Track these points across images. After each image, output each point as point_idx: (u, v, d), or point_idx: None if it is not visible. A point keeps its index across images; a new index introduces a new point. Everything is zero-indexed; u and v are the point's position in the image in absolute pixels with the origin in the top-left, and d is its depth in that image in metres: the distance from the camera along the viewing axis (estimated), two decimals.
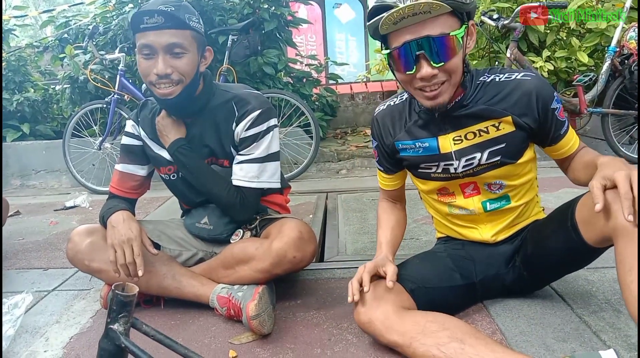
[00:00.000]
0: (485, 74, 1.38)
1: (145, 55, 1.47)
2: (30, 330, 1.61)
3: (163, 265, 1.60)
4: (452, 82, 1.27)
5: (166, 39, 1.44)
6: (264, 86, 4.15)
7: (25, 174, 4.47)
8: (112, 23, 4.26)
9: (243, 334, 1.47)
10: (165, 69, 1.45)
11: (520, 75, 1.34)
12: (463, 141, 1.39)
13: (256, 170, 1.60)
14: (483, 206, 1.46)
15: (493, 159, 1.38)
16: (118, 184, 1.71)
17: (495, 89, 1.35)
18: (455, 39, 1.21)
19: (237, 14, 4.10)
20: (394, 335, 1.25)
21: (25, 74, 5.00)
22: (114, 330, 0.89)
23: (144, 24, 1.42)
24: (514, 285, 1.51)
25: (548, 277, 1.52)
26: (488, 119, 1.35)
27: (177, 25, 1.44)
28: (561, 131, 1.35)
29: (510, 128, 1.35)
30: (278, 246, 1.49)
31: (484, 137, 1.37)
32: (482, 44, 4.23)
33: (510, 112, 1.33)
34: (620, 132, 3.80)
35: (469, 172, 1.42)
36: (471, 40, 1.31)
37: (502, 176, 1.41)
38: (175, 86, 1.49)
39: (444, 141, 1.41)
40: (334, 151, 4.34)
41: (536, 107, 1.32)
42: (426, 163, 1.46)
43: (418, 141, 1.44)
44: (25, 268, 2.21)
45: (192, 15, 1.49)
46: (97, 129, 4.08)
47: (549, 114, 1.33)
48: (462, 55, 1.26)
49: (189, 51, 1.48)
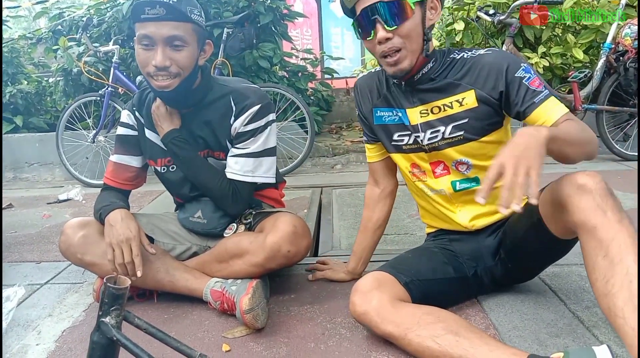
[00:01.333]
0: (456, 52, 1.41)
1: (144, 45, 1.45)
2: (22, 324, 1.60)
3: (157, 259, 1.60)
4: (409, 49, 1.31)
5: (167, 31, 1.42)
6: (259, 80, 4.13)
7: (18, 167, 4.44)
8: (106, 15, 4.23)
9: (236, 328, 1.47)
10: (164, 62, 1.44)
11: (484, 50, 1.37)
12: (429, 115, 1.43)
13: (251, 164, 1.59)
14: (452, 185, 1.48)
15: (456, 134, 1.40)
16: (113, 176, 1.70)
17: (462, 65, 1.38)
18: (407, 4, 1.26)
19: (233, 6, 4.07)
20: (389, 326, 1.25)
21: (18, 65, 4.96)
22: (106, 323, 0.88)
23: (144, 14, 1.40)
24: (504, 277, 1.52)
25: (533, 268, 1.53)
26: (453, 94, 1.39)
27: (179, 18, 1.42)
28: (534, 100, 1.29)
29: (473, 103, 1.37)
30: (272, 240, 1.49)
31: (447, 112, 1.40)
32: (477, 40, 4.23)
33: (473, 86, 1.36)
34: (614, 129, 3.82)
35: (434, 145, 1.44)
36: (435, 14, 1.34)
37: (468, 153, 1.42)
38: (173, 79, 1.47)
39: (412, 113, 1.46)
40: (329, 145, 4.33)
41: (498, 77, 1.32)
42: (399, 132, 1.50)
43: (395, 109, 1.49)
44: (17, 261, 2.20)
45: (194, 7, 1.46)
46: (91, 122, 4.05)
47: (515, 83, 1.30)
48: (422, 24, 1.31)
49: (189, 44, 1.47)
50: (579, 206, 1.10)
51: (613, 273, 1.01)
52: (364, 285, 1.33)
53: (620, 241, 1.03)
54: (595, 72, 3.65)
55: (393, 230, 2.34)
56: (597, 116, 3.65)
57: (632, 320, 0.96)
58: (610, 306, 1.00)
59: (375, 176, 1.70)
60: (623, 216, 1.07)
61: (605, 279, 1.02)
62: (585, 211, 1.09)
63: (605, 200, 1.08)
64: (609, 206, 1.07)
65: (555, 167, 1.49)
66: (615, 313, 0.99)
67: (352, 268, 1.74)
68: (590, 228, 1.07)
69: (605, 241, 1.04)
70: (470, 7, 4.16)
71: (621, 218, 1.06)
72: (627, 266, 1.00)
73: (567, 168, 1.26)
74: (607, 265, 1.03)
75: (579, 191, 1.11)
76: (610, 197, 1.09)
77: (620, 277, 1.00)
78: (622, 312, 0.97)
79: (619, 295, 0.99)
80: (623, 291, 0.98)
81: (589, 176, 1.12)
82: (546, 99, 1.28)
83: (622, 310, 0.97)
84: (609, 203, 1.08)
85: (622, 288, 0.99)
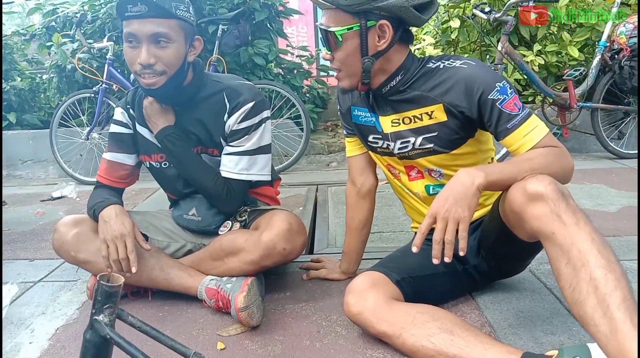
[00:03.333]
0: (432, 61, 1.36)
1: (129, 43, 1.44)
2: (15, 322, 1.59)
3: (151, 257, 1.59)
4: (346, 73, 1.35)
5: (150, 29, 1.41)
6: (255, 77, 4.12)
7: (11, 164, 4.41)
8: (100, 11, 4.20)
9: (231, 326, 1.46)
10: (148, 59, 1.42)
11: (460, 62, 1.31)
12: (400, 125, 1.41)
13: (246, 162, 1.58)
14: (426, 189, 1.48)
15: (426, 146, 1.39)
16: (106, 174, 1.68)
17: (435, 76, 1.33)
18: (332, 35, 1.29)
19: (228, 3, 4.05)
20: (384, 325, 1.24)
21: (12, 62, 4.91)
22: (99, 321, 0.87)
23: (128, 12, 1.39)
24: (492, 273, 1.52)
25: (515, 265, 1.52)
26: (423, 105, 1.35)
27: (162, 14, 1.41)
28: (508, 125, 1.24)
29: (442, 117, 1.34)
30: (267, 238, 1.48)
31: (418, 124, 1.38)
32: (473, 37, 4.24)
33: (441, 99, 1.32)
34: (609, 127, 3.83)
35: (404, 154, 1.44)
36: (385, 41, 1.29)
37: (439, 164, 1.42)
38: (159, 76, 1.46)
39: (384, 121, 1.44)
40: (324, 143, 4.32)
41: (470, 96, 1.27)
42: (373, 134, 1.49)
43: (370, 112, 1.48)
44: (10, 259, 2.18)
45: (179, 3, 1.44)
46: (85, 119, 4.02)
47: (488, 105, 1.25)
48: (360, 52, 1.29)
49: (175, 40, 1.45)
50: (533, 214, 1.09)
51: (578, 280, 1.00)
52: (358, 285, 1.32)
53: (579, 245, 1.02)
54: (591, 70, 3.66)
55: (389, 227, 2.34)
56: (592, 114, 3.66)
57: (603, 326, 0.95)
58: (581, 314, 1.00)
59: (352, 173, 1.68)
60: (579, 218, 1.05)
61: (571, 287, 1.01)
62: (540, 218, 1.07)
63: (558, 203, 1.06)
64: (563, 209, 1.06)
65: None
66: (587, 322, 0.98)
67: (345, 268, 1.74)
68: (549, 235, 1.06)
69: (565, 247, 1.03)
70: (465, 5, 4.17)
71: (577, 220, 1.05)
72: (589, 272, 0.99)
73: None
74: (571, 272, 1.02)
75: (530, 199, 1.09)
76: (563, 199, 1.07)
77: (585, 284, 0.99)
78: (592, 320, 0.97)
79: (587, 303, 0.98)
80: (590, 298, 0.97)
81: (538, 180, 1.10)
82: (522, 124, 1.24)
83: (593, 318, 0.97)
84: (562, 207, 1.06)
85: (588, 295, 0.98)
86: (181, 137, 1.59)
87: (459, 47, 4.41)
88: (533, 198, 1.09)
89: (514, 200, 1.13)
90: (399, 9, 1.24)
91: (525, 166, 1.16)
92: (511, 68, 3.96)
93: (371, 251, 1.79)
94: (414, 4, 1.24)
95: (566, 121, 3.75)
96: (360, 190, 1.66)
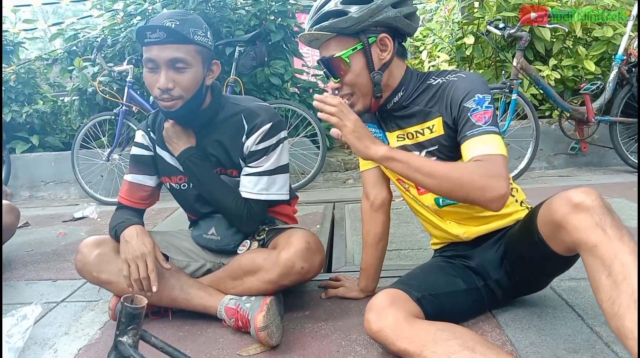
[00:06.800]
0: (433, 77, 1.42)
1: (149, 69, 1.49)
2: (39, 342, 1.61)
3: (171, 277, 1.61)
4: (359, 94, 1.40)
5: (168, 54, 1.45)
6: (271, 97, 4.17)
7: (34, 186, 4.50)
8: (120, 35, 4.31)
9: (251, 345, 1.47)
10: (166, 84, 1.46)
11: (454, 75, 1.37)
12: (405, 139, 1.48)
13: (265, 183, 1.60)
14: (436, 202, 1.50)
15: (430, 159, 1.41)
16: (127, 195, 1.72)
17: (434, 90, 1.40)
18: (340, 60, 1.35)
19: (244, 25, 4.13)
20: (405, 343, 1.23)
21: (34, 86, 5.05)
22: (123, 343, 0.89)
23: (147, 39, 1.44)
24: (514, 289, 1.51)
25: (540, 281, 1.52)
26: (424, 120, 1.41)
27: (180, 41, 1.45)
28: (467, 133, 1.26)
29: (440, 131, 1.39)
30: (286, 257, 1.49)
31: (419, 138, 1.44)
32: (488, 54, 4.24)
33: (439, 112, 1.38)
34: (628, 140, 3.78)
35: None
36: (387, 52, 1.37)
37: None
38: (177, 100, 1.50)
39: (391, 137, 1.52)
40: (340, 160, 4.34)
41: (454, 104, 1.33)
42: None
43: (379, 129, 1.56)
44: (34, 280, 2.22)
45: (197, 29, 1.48)
46: (106, 140, 4.11)
47: (463, 112, 1.29)
48: (367, 69, 1.36)
49: (192, 65, 1.49)
50: (576, 226, 1.08)
51: (618, 293, 0.99)
52: (378, 302, 1.32)
53: (623, 259, 1.01)
54: (608, 83, 3.64)
55: (407, 245, 2.33)
56: (611, 127, 3.63)
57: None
58: (619, 327, 0.98)
59: (366, 187, 1.71)
60: (623, 233, 1.05)
61: (611, 300, 1.00)
62: (584, 230, 1.07)
63: (603, 218, 1.06)
64: (608, 223, 1.05)
65: (566, 179, 1.48)
66: (626, 335, 0.97)
67: (364, 286, 1.74)
68: (591, 247, 1.05)
69: (608, 260, 1.02)
70: (480, 21, 4.18)
71: (621, 235, 1.04)
72: (631, 285, 0.98)
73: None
74: (611, 285, 1.01)
75: (575, 209, 1.09)
76: (609, 214, 1.07)
77: (626, 297, 0.98)
78: (632, 333, 0.96)
79: (626, 316, 0.97)
80: (630, 311, 0.97)
81: (584, 193, 1.10)
82: (479, 135, 1.24)
83: (632, 332, 0.96)
84: (608, 221, 1.06)
85: (628, 308, 0.97)
86: (203, 158, 1.62)
87: (474, 63, 4.41)
88: (578, 208, 1.09)
89: (557, 210, 1.13)
90: (393, 20, 1.34)
91: (431, 169, 1.22)
92: (527, 83, 3.95)
93: (390, 268, 1.78)
94: (404, 13, 1.34)
95: (584, 135, 3.72)
96: (374, 203, 1.68)
